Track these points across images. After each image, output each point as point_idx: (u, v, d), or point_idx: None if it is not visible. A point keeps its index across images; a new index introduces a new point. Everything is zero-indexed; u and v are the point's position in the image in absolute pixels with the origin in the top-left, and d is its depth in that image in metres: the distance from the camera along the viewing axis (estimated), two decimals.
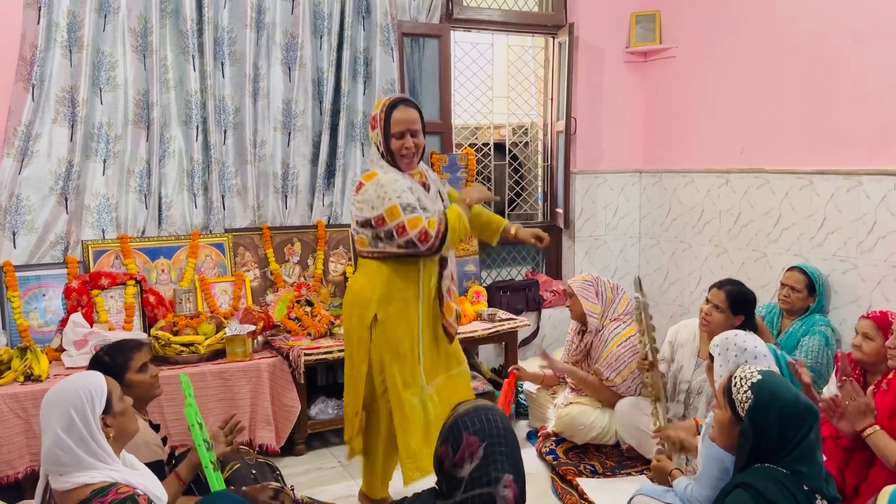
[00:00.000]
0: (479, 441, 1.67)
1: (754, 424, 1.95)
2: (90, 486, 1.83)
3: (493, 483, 1.63)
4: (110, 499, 1.80)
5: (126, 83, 3.86)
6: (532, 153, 5.38)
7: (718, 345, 2.52)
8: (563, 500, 3.22)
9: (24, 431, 3.11)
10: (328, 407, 3.90)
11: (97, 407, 1.90)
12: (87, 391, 1.90)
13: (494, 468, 1.65)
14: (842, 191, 3.81)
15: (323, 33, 4.26)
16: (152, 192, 3.95)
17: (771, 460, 1.93)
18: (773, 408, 1.94)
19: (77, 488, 1.83)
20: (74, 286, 3.62)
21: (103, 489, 1.83)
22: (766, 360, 2.47)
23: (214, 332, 3.61)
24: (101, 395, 1.92)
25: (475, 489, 1.63)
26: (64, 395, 1.90)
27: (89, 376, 1.98)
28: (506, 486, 1.64)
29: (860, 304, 3.71)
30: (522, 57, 5.21)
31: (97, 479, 1.85)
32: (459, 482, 1.65)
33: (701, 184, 4.73)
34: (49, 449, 1.85)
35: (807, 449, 1.92)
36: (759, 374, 2.02)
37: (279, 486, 2.56)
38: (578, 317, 3.68)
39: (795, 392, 1.99)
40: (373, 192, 2.72)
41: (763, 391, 1.97)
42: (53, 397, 1.91)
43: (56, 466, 1.86)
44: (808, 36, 3.97)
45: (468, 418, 1.72)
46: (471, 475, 1.64)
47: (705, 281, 4.63)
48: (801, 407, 1.94)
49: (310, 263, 4.33)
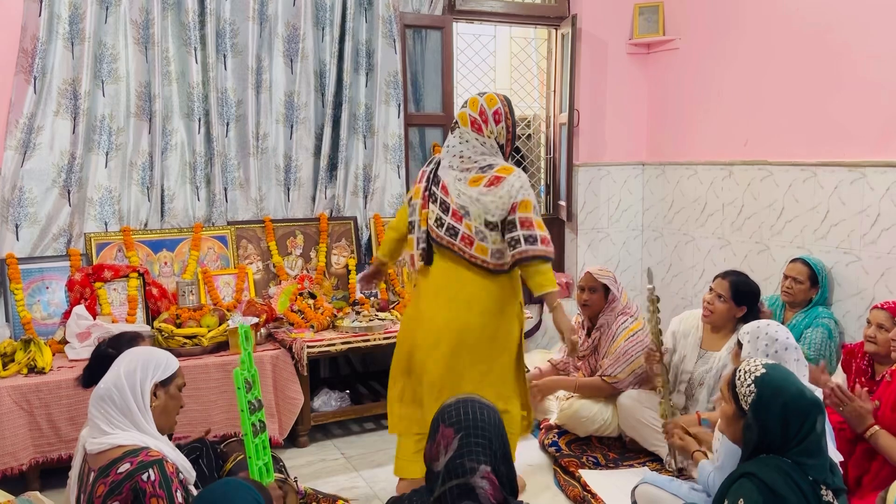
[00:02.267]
0: (455, 433, 1.66)
1: (758, 419, 1.95)
2: (123, 448, 1.97)
3: (468, 473, 1.61)
4: (140, 459, 1.92)
5: (128, 75, 3.86)
6: (535, 145, 5.37)
7: (749, 332, 2.50)
8: (565, 491, 3.22)
9: (28, 424, 3.12)
10: (331, 399, 3.91)
11: (160, 373, 2.10)
12: (160, 358, 2.14)
13: (469, 459, 1.62)
14: (845, 183, 3.79)
15: (325, 25, 4.25)
16: (155, 184, 3.95)
17: (777, 452, 1.93)
18: (777, 403, 1.93)
19: (111, 449, 1.97)
20: (77, 279, 3.62)
21: (135, 451, 1.95)
22: (796, 352, 2.46)
23: (217, 324, 3.61)
24: (168, 368, 2.13)
25: (451, 480, 1.62)
26: (142, 352, 2.17)
27: (170, 355, 2.20)
28: (483, 478, 1.61)
29: (863, 296, 3.70)
30: (525, 49, 5.19)
31: (131, 441, 1.98)
32: (437, 475, 1.64)
33: (704, 176, 4.72)
34: (107, 386, 2.03)
35: (813, 443, 1.92)
36: (763, 367, 2.00)
37: (283, 478, 2.57)
38: (593, 313, 3.66)
39: (800, 386, 1.98)
40: (517, 182, 2.77)
41: (766, 386, 1.96)
42: (134, 350, 2.19)
43: (106, 406, 2.00)
44: (812, 27, 3.95)
45: (447, 411, 1.72)
46: (446, 466, 1.63)
47: (708, 273, 4.62)
48: (805, 401, 1.94)
49: (312, 256, 4.33)
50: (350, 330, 3.79)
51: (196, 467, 2.58)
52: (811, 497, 1.87)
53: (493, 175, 2.79)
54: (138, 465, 1.90)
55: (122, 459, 1.92)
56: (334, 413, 3.85)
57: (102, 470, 1.93)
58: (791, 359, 2.44)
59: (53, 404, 3.14)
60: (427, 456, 1.70)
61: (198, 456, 2.65)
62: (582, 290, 3.66)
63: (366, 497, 3.20)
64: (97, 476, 1.94)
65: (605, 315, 3.61)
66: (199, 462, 2.64)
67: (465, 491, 1.61)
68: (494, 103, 2.87)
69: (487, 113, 2.85)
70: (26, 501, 2.59)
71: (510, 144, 2.92)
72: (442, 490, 1.61)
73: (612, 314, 3.60)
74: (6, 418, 3.06)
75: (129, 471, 1.88)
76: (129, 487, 1.86)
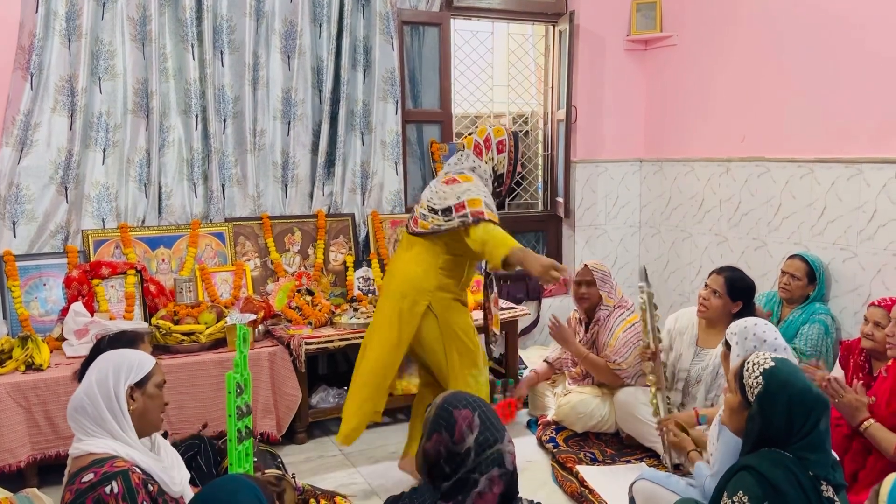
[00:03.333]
0: (472, 411, 1.73)
1: (763, 411, 1.95)
2: (93, 456, 1.92)
3: (499, 440, 1.70)
4: (104, 470, 1.87)
5: (125, 72, 3.85)
6: (532, 142, 5.37)
7: (737, 333, 2.47)
8: (563, 487, 3.23)
9: (26, 420, 3.12)
10: (329, 396, 3.91)
11: (133, 375, 2.03)
12: (132, 360, 2.06)
13: (494, 430, 1.72)
14: (842, 179, 3.80)
15: (322, 21, 4.25)
16: (152, 181, 3.95)
17: (779, 446, 1.94)
18: (783, 396, 1.93)
19: (82, 455, 1.93)
20: (75, 276, 3.62)
21: (102, 460, 1.90)
22: (785, 353, 2.45)
23: (215, 321, 3.61)
24: (142, 368, 2.06)
25: (484, 452, 1.68)
26: (112, 356, 2.08)
27: (143, 354, 2.14)
28: (509, 441, 1.72)
29: (860, 292, 3.71)
30: (523, 45, 5.19)
31: (101, 449, 1.93)
32: (466, 454, 1.69)
33: (701, 172, 4.73)
34: (80, 396, 1.98)
35: (816, 438, 1.92)
36: (772, 360, 2.01)
37: (280, 474, 2.57)
38: (591, 307, 3.66)
39: (807, 382, 1.98)
40: (470, 187, 2.91)
41: (774, 378, 1.96)
42: (105, 355, 2.10)
43: (79, 417, 1.96)
44: (808, 24, 3.95)
45: (450, 400, 1.78)
46: (476, 441, 1.70)
47: (705, 270, 4.62)
48: (811, 397, 1.94)
49: (310, 253, 4.33)
50: (348, 326, 3.80)
51: (194, 464, 2.59)
52: (811, 492, 1.88)
53: (453, 177, 2.98)
54: (102, 477, 1.85)
55: (87, 469, 1.88)
56: (332, 409, 3.85)
57: (71, 476, 1.91)
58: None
59: (51, 401, 3.14)
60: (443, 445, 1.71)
61: (195, 453, 2.65)
62: (578, 285, 3.66)
63: (364, 493, 3.20)
64: (66, 482, 1.93)
65: (600, 309, 3.61)
66: (198, 458, 2.64)
67: (497, 456, 1.69)
68: (501, 134, 3.06)
69: (492, 141, 3.05)
70: (24, 498, 2.59)
71: (510, 177, 3.09)
72: (476, 462, 1.68)
73: (607, 308, 3.60)
74: (4, 415, 3.06)
75: (91, 482, 1.84)
76: (91, 500, 1.81)
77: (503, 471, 1.68)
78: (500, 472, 1.67)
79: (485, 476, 1.66)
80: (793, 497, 1.86)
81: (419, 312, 2.96)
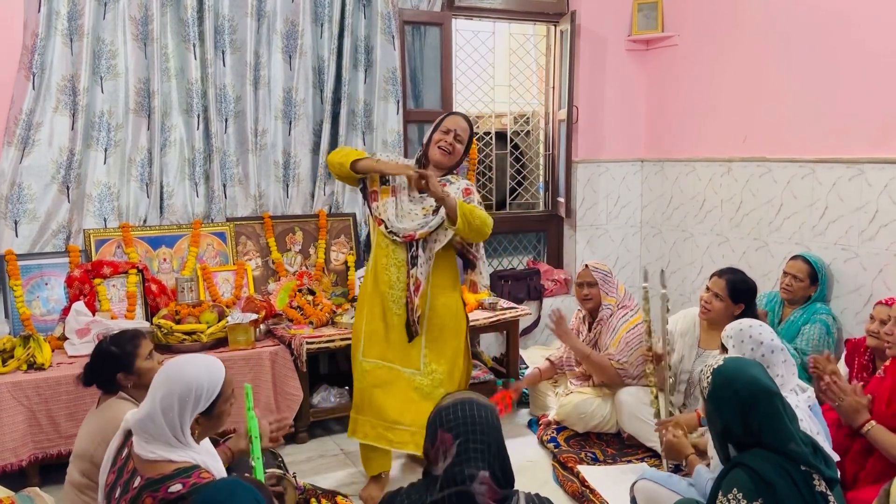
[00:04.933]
0: (453, 438, 1.66)
1: (716, 408, 2.04)
2: (174, 464, 1.90)
3: (467, 480, 1.63)
4: (192, 481, 1.86)
5: (127, 72, 3.86)
6: (533, 142, 5.37)
7: (733, 336, 2.48)
8: (564, 487, 3.23)
9: (28, 420, 3.12)
10: (330, 395, 3.91)
11: (200, 405, 1.95)
12: (201, 384, 1.94)
13: (468, 465, 1.64)
14: (844, 179, 3.80)
15: (323, 21, 4.25)
16: (154, 180, 3.95)
17: (747, 441, 1.99)
18: (728, 391, 2.01)
19: (161, 461, 1.90)
20: (76, 275, 3.62)
21: (186, 470, 1.89)
22: (782, 353, 2.46)
23: (217, 320, 3.61)
24: (210, 395, 1.97)
25: (450, 487, 1.64)
26: (181, 379, 1.94)
27: (213, 372, 2.00)
28: (481, 483, 1.63)
29: (861, 292, 3.71)
30: (524, 45, 5.19)
31: (181, 458, 1.91)
32: (436, 479, 1.66)
33: (703, 172, 4.73)
34: (144, 415, 1.93)
35: (778, 426, 1.96)
36: (723, 360, 2.10)
37: (281, 474, 2.57)
38: (594, 306, 3.66)
39: (754, 374, 2.05)
40: None
41: (719, 375, 2.06)
42: (174, 373, 1.96)
43: (142, 432, 1.93)
44: (810, 23, 3.95)
45: (445, 413, 1.72)
46: (445, 473, 1.65)
47: (707, 270, 4.62)
48: (756, 387, 2.00)
49: (311, 252, 4.33)
50: (349, 326, 3.79)
51: None
52: (802, 486, 1.89)
53: None
54: (191, 489, 1.83)
55: (173, 478, 1.86)
56: (333, 409, 3.85)
57: (151, 483, 1.87)
58: (779, 360, 2.44)
59: (53, 400, 3.15)
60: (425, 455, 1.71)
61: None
62: (581, 286, 3.67)
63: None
64: (145, 486, 1.87)
65: (603, 309, 3.61)
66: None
67: (465, 499, 1.63)
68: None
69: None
70: (26, 497, 2.59)
71: (427, 141, 3.12)
72: (441, 496, 1.62)
73: (609, 307, 3.60)
74: (5, 414, 3.06)
75: (181, 493, 1.82)
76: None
77: None
78: None
79: None
80: (785, 492, 1.88)
81: None
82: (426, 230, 2.97)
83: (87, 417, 2.52)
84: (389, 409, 3.04)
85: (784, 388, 2.37)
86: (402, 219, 3.01)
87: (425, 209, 3.02)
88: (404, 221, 3.00)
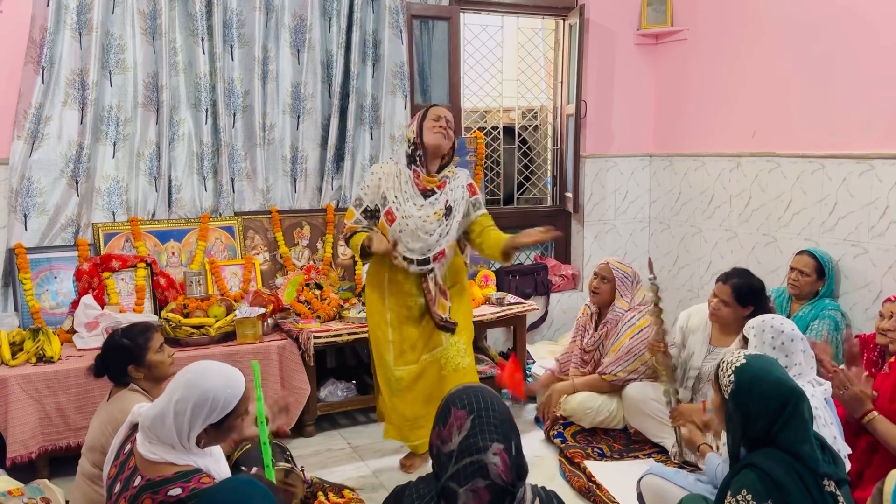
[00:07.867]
0: (467, 414, 1.67)
1: (738, 408, 1.99)
2: (175, 467, 1.89)
3: (482, 451, 1.62)
4: (192, 486, 1.85)
5: (135, 66, 3.86)
6: (541, 137, 5.36)
7: (755, 326, 2.51)
8: (571, 482, 3.23)
9: (37, 412, 3.14)
10: (338, 389, 3.92)
11: (213, 417, 1.94)
12: (216, 399, 1.93)
13: (483, 437, 1.64)
14: (854, 175, 3.78)
15: (332, 15, 4.25)
16: (162, 174, 3.96)
17: (764, 441, 1.96)
18: (754, 391, 1.96)
19: (162, 463, 1.90)
20: (85, 268, 3.64)
21: (187, 474, 1.88)
22: (803, 343, 2.47)
23: (225, 314, 3.63)
24: (224, 410, 1.95)
25: (465, 458, 1.63)
26: (201, 387, 1.93)
27: (233, 388, 1.97)
28: (495, 454, 1.63)
29: (870, 288, 3.69)
30: (532, 39, 5.17)
31: (183, 461, 1.91)
32: (450, 455, 1.65)
33: (712, 168, 4.71)
34: (157, 413, 1.93)
35: (799, 428, 1.93)
36: (744, 358, 2.05)
37: (289, 467, 2.58)
38: (601, 302, 3.65)
39: (780, 375, 2.01)
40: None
41: (744, 374, 2.00)
42: (196, 378, 1.94)
43: (149, 431, 1.93)
44: (820, 18, 3.92)
45: (458, 397, 1.74)
46: (459, 446, 1.64)
47: (715, 265, 4.61)
48: (783, 389, 1.96)
49: (319, 247, 4.34)
50: (356, 320, 3.80)
51: None
52: (813, 488, 1.88)
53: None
54: (190, 494, 1.83)
55: (174, 481, 1.86)
56: (340, 403, 3.87)
57: (152, 484, 1.87)
58: (798, 349, 2.44)
59: (62, 393, 3.17)
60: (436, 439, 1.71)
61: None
62: (595, 277, 3.66)
63: (371, 486, 3.21)
64: (145, 486, 1.87)
65: (612, 310, 3.60)
66: None
67: (478, 468, 1.62)
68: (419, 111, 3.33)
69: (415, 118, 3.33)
70: (35, 489, 2.62)
71: (419, 136, 3.20)
72: (455, 468, 1.62)
73: (620, 310, 3.58)
74: (15, 407, 3.09)
75: (180, 497, 1.82)
76: None
77: (489, 482, 1.61)
78: (486, 483, 1.60)
79: (465, 488, 1.60)
80: (795, 493, 1.86)
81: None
82: (450, 238, 3.17)
83: (98, 409, 2.54)
84: (417, 406, 3.23)
85: (801, 379, 2.37)
86: (416, 236, 3.12)
87: (437, 213, 3.15)
88: (419, 237, 3.12)
